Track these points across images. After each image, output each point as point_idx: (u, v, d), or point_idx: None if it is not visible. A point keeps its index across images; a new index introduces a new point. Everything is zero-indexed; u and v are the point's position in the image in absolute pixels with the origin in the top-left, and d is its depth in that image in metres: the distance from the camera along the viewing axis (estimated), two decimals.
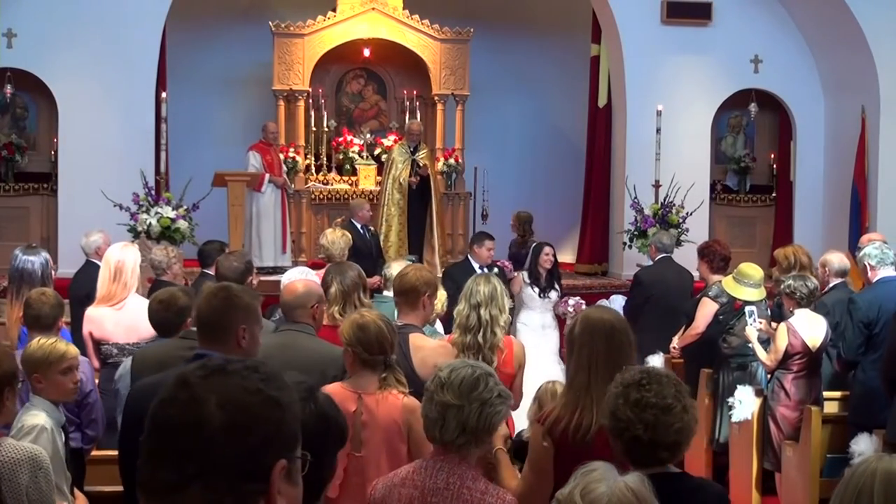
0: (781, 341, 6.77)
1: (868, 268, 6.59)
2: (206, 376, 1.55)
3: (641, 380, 3.02)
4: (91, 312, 6.24)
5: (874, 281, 6.57)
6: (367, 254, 9.85)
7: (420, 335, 4.75)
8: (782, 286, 6.83)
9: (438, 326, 6.19)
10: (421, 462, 3.25)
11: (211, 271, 7.27)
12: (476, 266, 8.81)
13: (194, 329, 4.10)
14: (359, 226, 10.40)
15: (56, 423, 4.20)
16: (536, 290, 9.07)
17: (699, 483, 3.23)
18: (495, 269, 8.68)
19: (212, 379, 1.54)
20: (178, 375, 1.57)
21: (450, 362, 3.42)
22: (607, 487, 2.24)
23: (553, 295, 9.14)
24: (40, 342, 4.37)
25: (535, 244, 9.53)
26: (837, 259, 7.29)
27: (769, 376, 6.95)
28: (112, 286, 6.22)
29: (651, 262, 9.23)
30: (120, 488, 4.53)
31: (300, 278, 5.30)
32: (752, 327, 6.85)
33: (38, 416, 4.16)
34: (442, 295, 5.93)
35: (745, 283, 7.10)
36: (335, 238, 7.31)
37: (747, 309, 6.95)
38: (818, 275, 7.23)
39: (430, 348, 4.68)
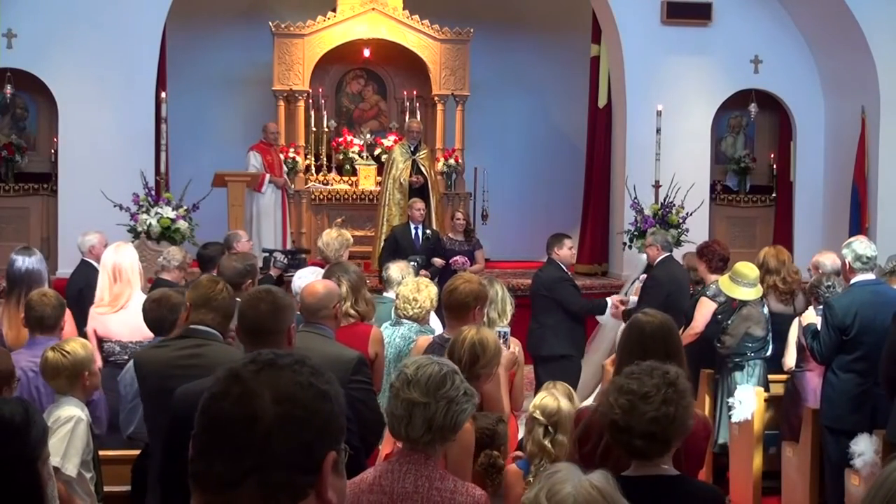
0: (791, 336, 6.79)
1: (848, 266, 6.39)
2: (258, 371, 1.56)
3: (635, 371, 3.12)
4: (96, 310, 6.25)
5: (850, 283, 6.39)
6: (410, 254, 9.36)
7: None
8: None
9: (434, 321, 6.16)
10: (386, 465, 3.19)
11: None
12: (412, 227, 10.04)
13: (197, 328, 4.12)
14: (412, 226, 10.26)
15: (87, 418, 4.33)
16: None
17: (696, 486, 3.24)
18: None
19: (264, 373, 1.56)
20: (228, 370, 1.58)
21: (415, 359, 3.36)
22: (573, 487, 2.25)
23: None
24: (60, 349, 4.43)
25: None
26: (829, 260, 7.23)
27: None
28: (115, 288, 6.23)
29: (648, 261, 8.97)
30: (121, 488, 4.51)
31: (316, 280, 5.39)
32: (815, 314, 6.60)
33: (71, 409, 4.24)
34: (433, 290, 5.93)
35: (741, 283, 7.07)
36: (329, 239, 7.31)
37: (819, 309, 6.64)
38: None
39: None
